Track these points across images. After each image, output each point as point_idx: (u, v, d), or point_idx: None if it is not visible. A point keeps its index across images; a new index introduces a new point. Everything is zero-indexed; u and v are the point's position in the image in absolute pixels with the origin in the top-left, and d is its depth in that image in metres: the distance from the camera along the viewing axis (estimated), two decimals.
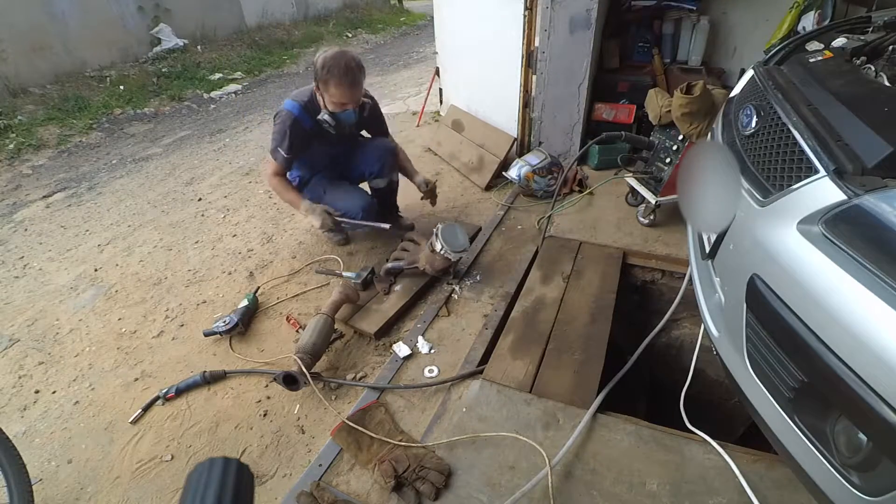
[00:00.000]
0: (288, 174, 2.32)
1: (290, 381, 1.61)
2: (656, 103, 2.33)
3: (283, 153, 2.12)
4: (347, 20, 9.55)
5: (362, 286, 2.10)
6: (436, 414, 1.56)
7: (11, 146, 4.04)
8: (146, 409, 1.67)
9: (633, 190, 2.53)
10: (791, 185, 1.06)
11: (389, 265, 2.17)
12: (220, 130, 4.43)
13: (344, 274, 2.21)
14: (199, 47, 6.71)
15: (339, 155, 2.35)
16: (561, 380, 1.64)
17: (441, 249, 2.01)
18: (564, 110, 2.93)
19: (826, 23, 2.67)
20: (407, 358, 1.79)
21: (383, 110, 2.48)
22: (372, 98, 2.29)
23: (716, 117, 1.77)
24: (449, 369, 1.74)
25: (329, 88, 1.97)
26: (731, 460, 1.35)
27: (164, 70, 5.91)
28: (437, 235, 2.03)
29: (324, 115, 2.06)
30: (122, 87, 5.33)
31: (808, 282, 0.93)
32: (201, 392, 1.73)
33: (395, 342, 1.86)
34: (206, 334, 1.90)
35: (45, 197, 3.32)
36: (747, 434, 2.06)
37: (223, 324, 1.91)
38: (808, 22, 2.73)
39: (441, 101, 4.06)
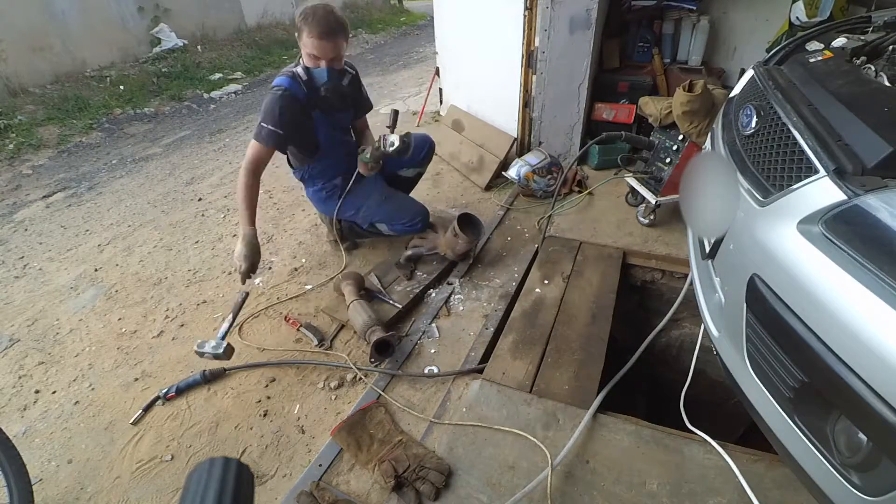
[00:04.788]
0: (311, 189, 2.21)
1: (384, 346, 1.72)
2: (654, 107, 2.34)
3: (270, 126, 1.86)
4: (347, 20, 9.54)
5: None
6: (436, 414, 1.56)
7: (11, 146, 4.04)
8: (146, 409, 1.67)
9: (633, 190, 2.53)
10: (791, 185, 1.06)
11: (409, 252, 2.22)
12: (220, 130, 4.43)
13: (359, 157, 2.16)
14: (199, 47, 6.71)
15: (351, 146, 2.25)
16: (561, 380, 1.64)
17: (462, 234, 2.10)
18: (564, 110, 2.93)
19: (826, 15, 2.67)
20: (407, 357, 1.80)
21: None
22: (355, 69, 2.18)
23: (716, 117, 1.77)
24: (449, 369, 1.74)
25: (302, 38, 1.87)
26: (731, 460, 1.34)
27: (164, 70, 5.91)
28: (458, 222, 2.12)
29: (298, 69, 1.94)
30: (122, 87, 5.33)
31: (808, 282, 0.93)
32: (201, 392, 1.73)
33: None
34: (199, 353, 1.71)
35: (45, 197, 3.32)
36: (747, 434, 2.06)
37: (211, 347, 1.69)
38: (800, 12, 2.72)
39: (441, 101, 4.05)
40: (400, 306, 1.99)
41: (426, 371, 1.73)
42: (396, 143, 2.05)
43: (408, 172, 2.43)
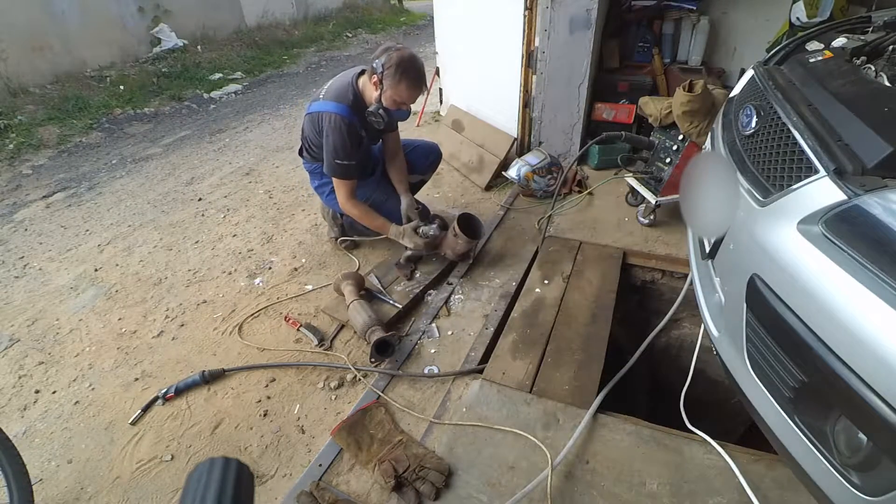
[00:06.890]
0: (317, 182, 2.29)
1: (384, 346, 1.72)
2: (654, 107, 2.34)
3: (347, 162, 2.02)
4: (347, 20, 9.55)
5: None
6: (436, 414, 1.56)
7: (11, 146, 4.04)
8: (146, 409, 1.66)
9: (633, 190, 2.53)
10: (791, 185, 1.06)
11: (409, 252, 2.22)
12: (220, 130, 4.43)
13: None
14: (199, 47, 6.71)
15: (369, 153, 2.35)
16: (561, 380, 1.64)
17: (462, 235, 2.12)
18: (564, 110, 2.93)
19: (826, 15, 2.67)
20: (407, 357, 1.80)
21: None
22: None
23: (716, 117, 1.77)
24: (449, 369, 1.74)
25: (399, 87, 1.95)
26: (731, 460, 1.35)
27: (164, 70, 5.90)
28: (458, 222, 2.15)
29: (378, 109, 2.00)
30: (122, 87, 5.32)
31: (808, 281, 0.93)
32: (201, 392, 1.73)
33: None
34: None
35: (45, 197, 3.32)
36: (747, 434, 2.06)
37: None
38: (800, 12, 2.72)
39: (441, 101, 4.06)
40: (400, 306, 1.99)
41: (426, 371, 1.73)
42: (431, 232, 2.18)
43: (412, 178, 2.43)
